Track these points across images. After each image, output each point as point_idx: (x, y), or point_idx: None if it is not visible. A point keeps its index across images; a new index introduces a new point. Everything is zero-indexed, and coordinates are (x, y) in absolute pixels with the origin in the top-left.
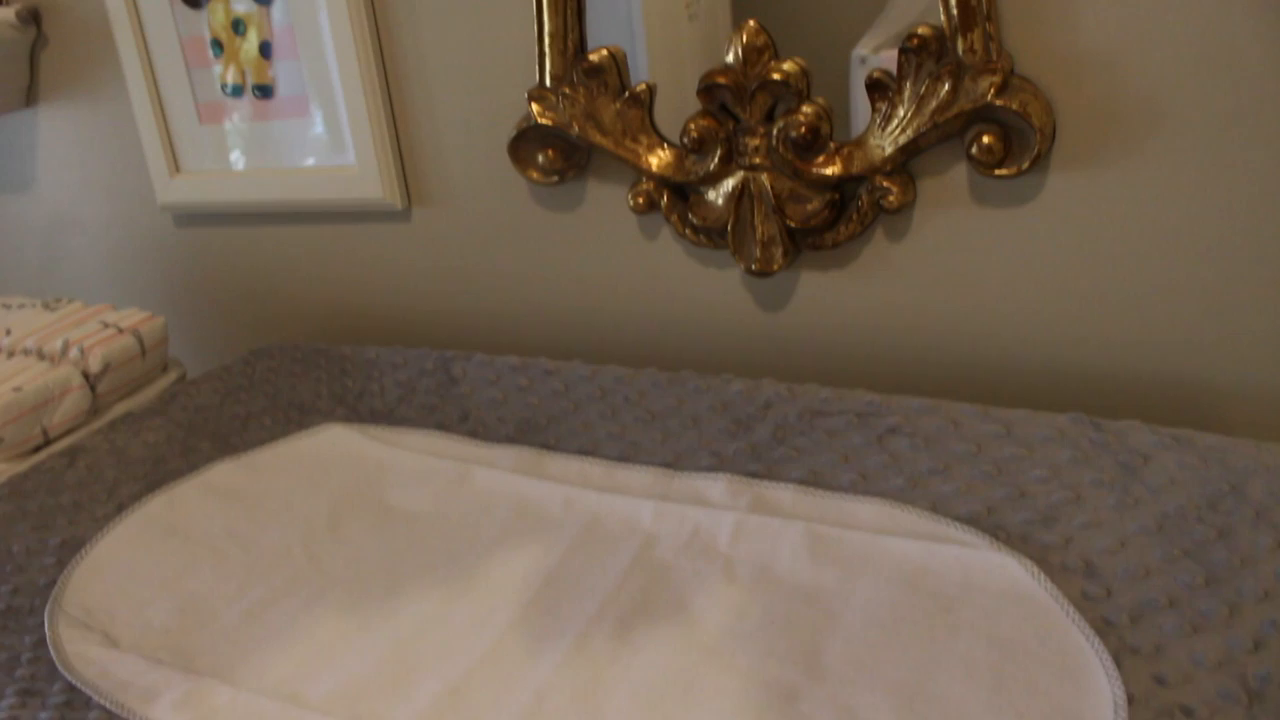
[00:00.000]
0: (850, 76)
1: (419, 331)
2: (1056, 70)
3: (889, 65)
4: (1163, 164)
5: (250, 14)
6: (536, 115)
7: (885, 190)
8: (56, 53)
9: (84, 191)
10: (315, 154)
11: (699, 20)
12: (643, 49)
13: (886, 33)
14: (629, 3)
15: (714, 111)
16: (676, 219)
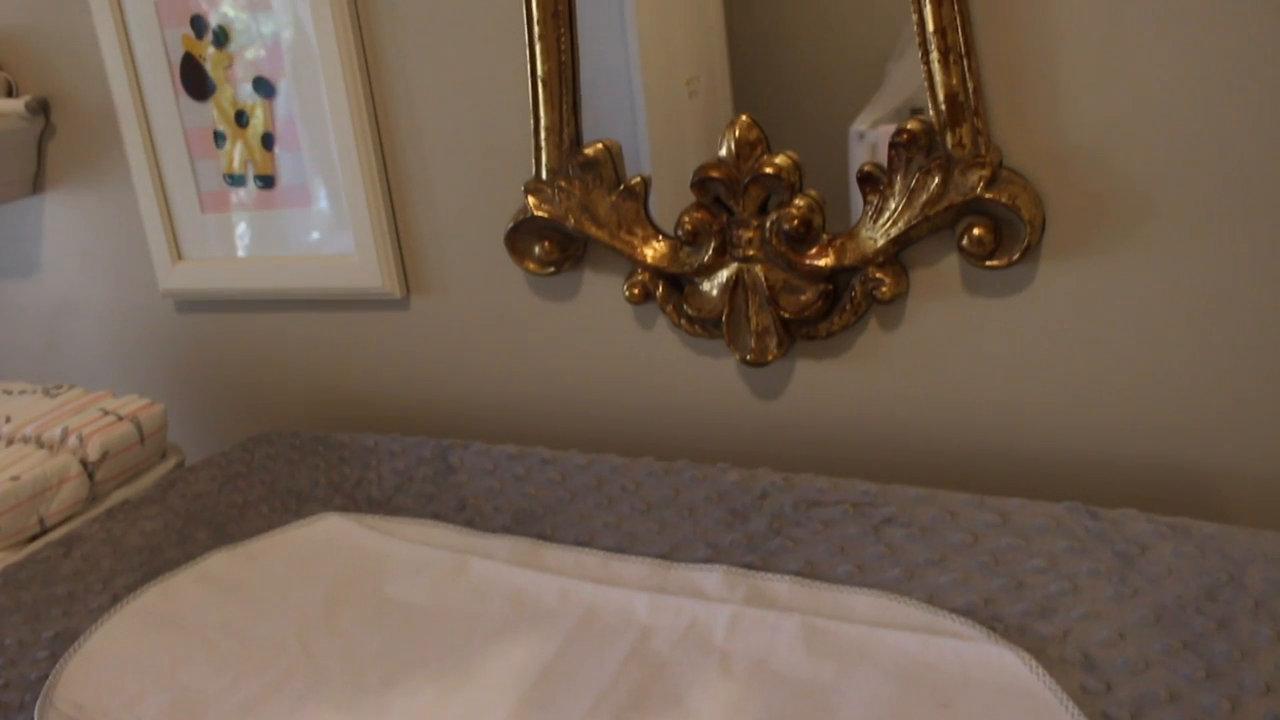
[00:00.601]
0: (849, 150)
1: (417, 418)
2: (1045, 163)
3: (886, 140)
4: (1152, 253)
5: (254, 106)
6: (533, 207)
7: (878, 281)
8: (64, 142)
9: (87, 277)
10: (315, 242)
11: (699, 97)
12: (644, 124)
13: (884, 108)
14: (630, 79)
15: (708, 204)
16: (672, 309)
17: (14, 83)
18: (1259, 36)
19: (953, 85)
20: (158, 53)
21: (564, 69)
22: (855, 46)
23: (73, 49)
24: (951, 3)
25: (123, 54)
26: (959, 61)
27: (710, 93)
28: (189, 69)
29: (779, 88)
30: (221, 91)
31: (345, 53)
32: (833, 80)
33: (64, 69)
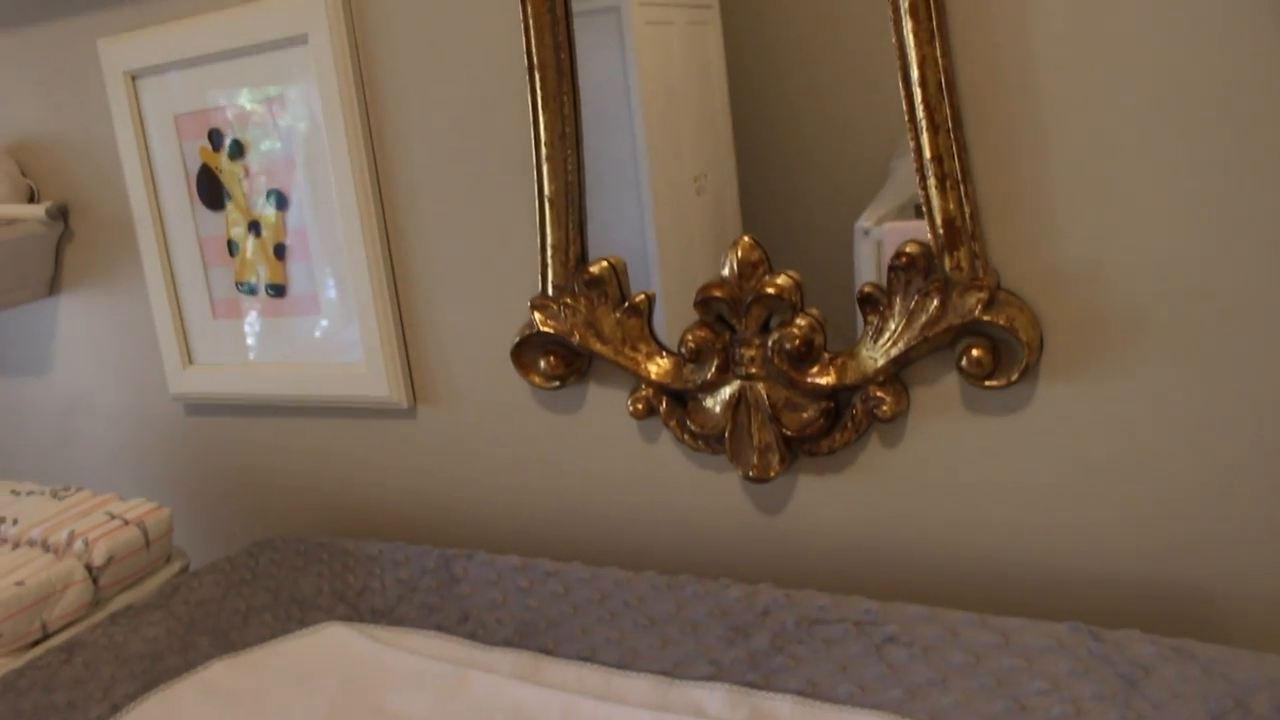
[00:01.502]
0: (855, 247)
1: (422, 526)
2: (1041, 284)
3: (891, 236)
4: (1149, 374)
5: (267, 217)
6: (539, 323)
7: (879, 400)
8: (81, 246)
9: (98, 378)
10: (324, 351)
11: (706, 193)
12: (651, 220)
13: (888, 204)
14: (638, 176)
15: (711, 322)
16: (675, 424)
17: (36, 189)
18: (1247, 165)
19: (950, 210)
20: (175, 163)
21: (570, 189)
22: (860, 143)
23: (94, 157)
24: (948, 132)
25: (142, 163)
26: (956, 187)
27: (717, 189)
28: (205, 180)
29: (785, 183)
30: (236, 202)
31: (358, 169)
32: (838, 176)
33: (84, 176)
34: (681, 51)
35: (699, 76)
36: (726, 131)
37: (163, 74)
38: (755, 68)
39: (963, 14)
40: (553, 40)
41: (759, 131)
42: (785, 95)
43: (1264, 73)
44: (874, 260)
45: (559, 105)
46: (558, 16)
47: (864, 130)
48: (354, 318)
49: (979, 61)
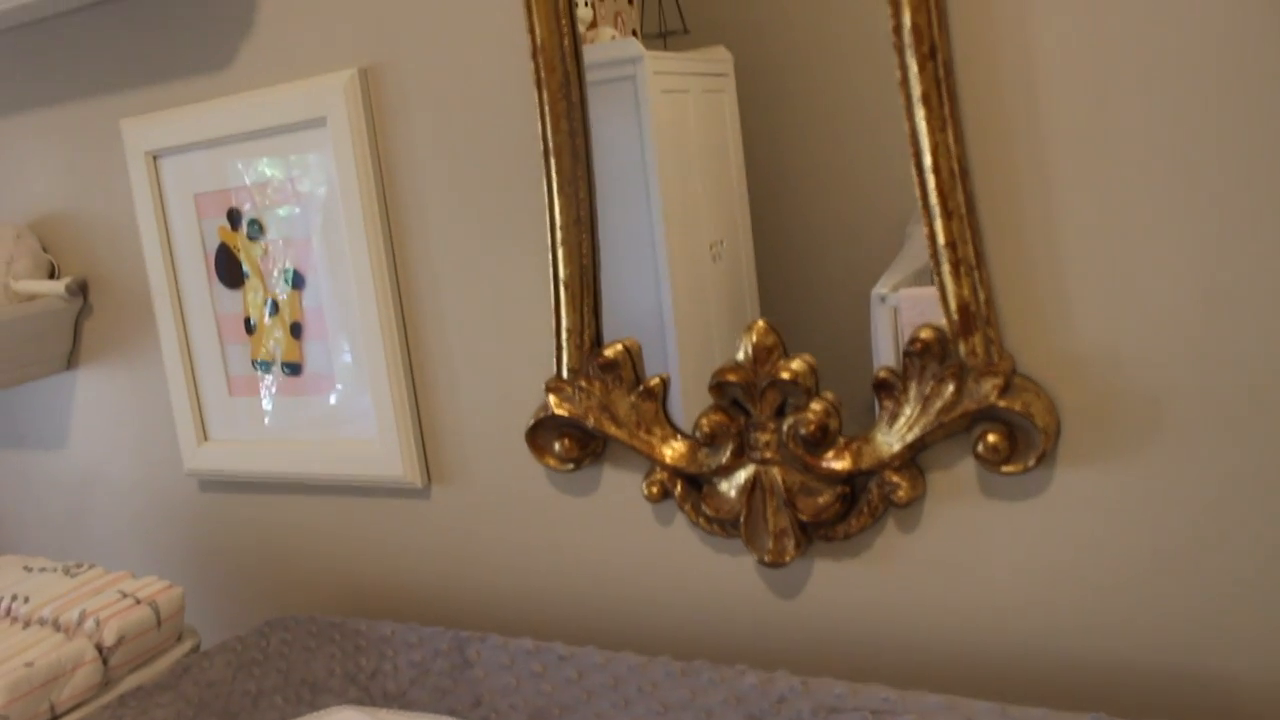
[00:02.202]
0: (871, 313)
1: (434, 607)
2: (1058, 369)
3: (908, 303)
4: (1167, 459)
5: (284, 296)
6: (554, 406)
7: (895, 485)
8: (99, 321)
9: (113, 452)
10: (339, 430)
11: (723, 260)
12: (667, 289)
13: (905, 271)
14: (654, 242)
15: (725, 406)
16: (690, 508)
17: (57, 264)
18: (1266, 249)
19: (964, 296)
20: (194, 241)
21: (585, 273)
22: (876, 208)
23: (114, 234)
24: (961, 218)
25: (161, 241)
26: (970, 273)
27: (733, 255)
28: (223, 258)
29: (801, 249)
30: (254, 281)
31: (374, 250)
32: (854, 241)
33: (105, 252)
34: (697, 119)
35: (714, 143)
36: (742, 198)
37: (183, 154)
38: (770, 133)
39: (975, 102)
40: (568, 126)
41: (774, 197)
42: (800, 161)
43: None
44: (891, 327)
45: (574, 190)
46: (573, 102)
47: (879, 196)
48: (369, 397)
49: (991, 148)
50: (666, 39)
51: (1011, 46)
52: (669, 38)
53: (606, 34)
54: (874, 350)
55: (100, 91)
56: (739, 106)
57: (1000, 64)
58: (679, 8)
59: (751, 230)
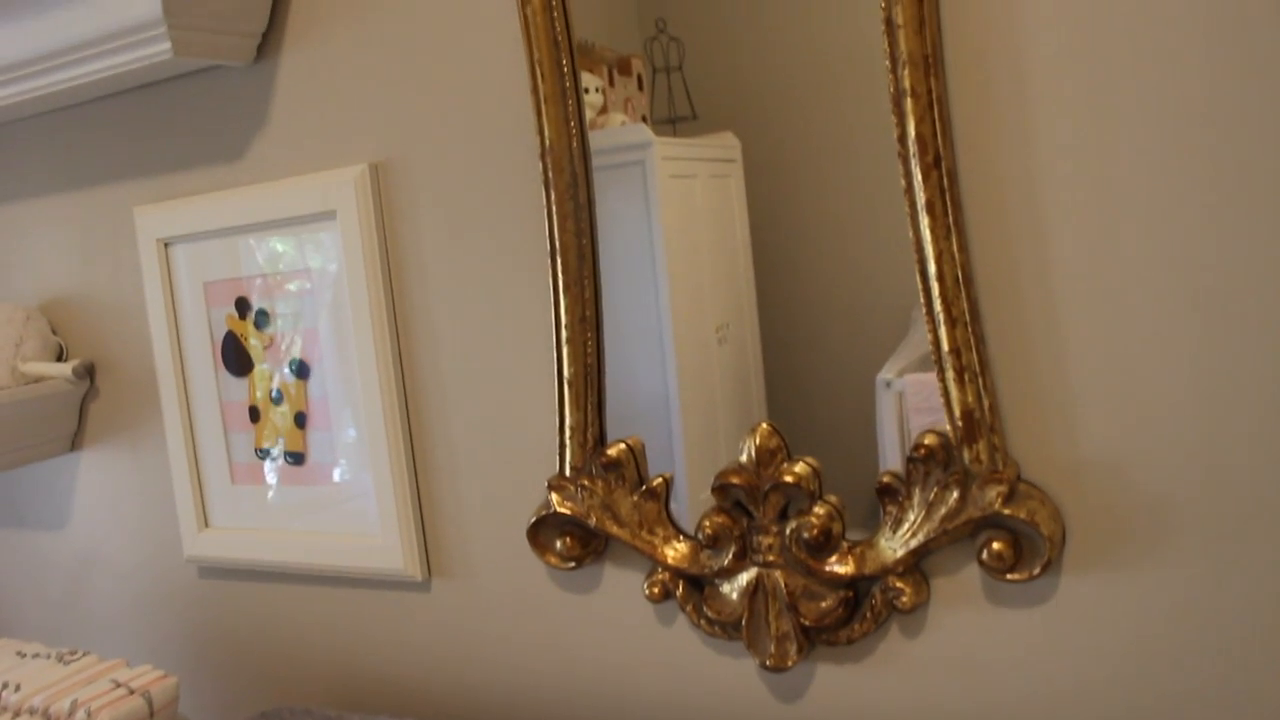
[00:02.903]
0: (876, 399)
1: (432, 701)
2: (1063, 476)
3: (913, 388)
4: (1174, 568)
5: (289, 386)
6: (556, 504)
7: (899, 591)
8: (105, 403)
9: (113, 536)
10: (340, 521)
11: (728, 344)
12: (673, 372)
13: (909, 356)
14: (660, 327)
15: (728, 508)
16: (692, 609)
17: (65, 347)
18: (1267, 359)
19: (969, 403)
20: (202, 328)
21: (589, 371)
22: (881, 293)
23: (123, 318)
24: (965, 325)
25: (169, 327)
26: (974, 380)
27: (739, 339)
28: (230, 346)
29: (806, 334)
30: (259, 370)
31: (380, 342)
32: (859, 327)
33: (112, 336)
34: (704, 203)
35: (722, 228)
36: (749, 281)
37: (194, 242)
38: (776, 218)
39: (978, 210)
40: (575, 226)
41: (780, 281)
42: (806, 245)
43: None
44: (896, 412)
45: (580, 289)
46: (580, 204)
47: (885, 280)
48: (371, 488)
49: (995, 256)
50: (676, 125)
51: (1015, 156)
52: (678, 123)
53: (617, 119)
54: (879, 435)
55: (114, 179)
56: (746, 192)
57: (1004, 173)
58: (688, 94)
59: (757, 314)
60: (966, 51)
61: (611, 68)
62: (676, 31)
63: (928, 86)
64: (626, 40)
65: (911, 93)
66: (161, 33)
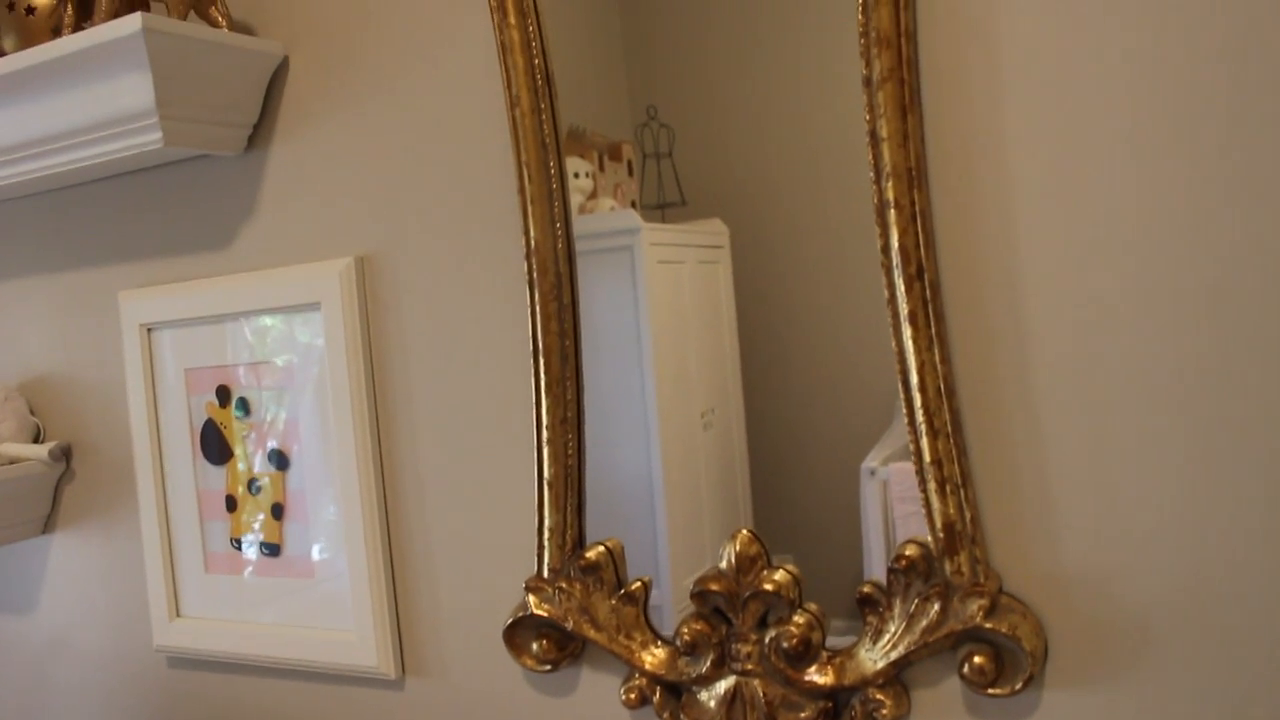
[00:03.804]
0: (861, 487)
1: None
2: (1046, 589)
3: (897, 477)
4: (1159, 684)
5: (267, 476)
6: (533, 605)
7: (879, 703)
8: (80, 487)
9: (83, 622)
10: (314, 615)
11: (714, 429)
12: (658, 457)
13: (894, 445)
14: (645, 411)
15: (707, 615)
16: (669, 716)
17: (43, 427)
18: (1259, 469)
19: (950, 514)
20: (182, 415)
21: (570, 473)
22: (867, 381)
23: (103, 401)
24: (947, 436)
25: (149, 412)
26: (956, 491)
27: (725, 424)
28: (209, 434)
29: (792, 420)
30: (238, 459)
31: (360, 436)
32: (845, 414)
33: (91, 418)
34: (692, 289)
35: (708, 313)
36: (735, 367)
37: (178, 328)
38: (763, 305)
39: (962, 321)
40: (558, 327)
41: (766, 367)
42: (792, 332)
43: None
44: (880, 500)
45: (562, 390)
46: (564, 305)
47: (870, 368)
48: (347, 583)
49: (977, 368)
50: (665, 211)
51: (998, 269)
52: (667, 209)
53: (606, 204)
54: (864, 522)
55: (100, 262)
56: (734, 278)
57: (987, 286)
58: (677, 180)
59: (743, 399)
60: (950, 165)
61: (602, 153)
62: (667, 119)
63: (911, 199)
64: (618, 126)
65: (895, 205)
66: (154, 122)
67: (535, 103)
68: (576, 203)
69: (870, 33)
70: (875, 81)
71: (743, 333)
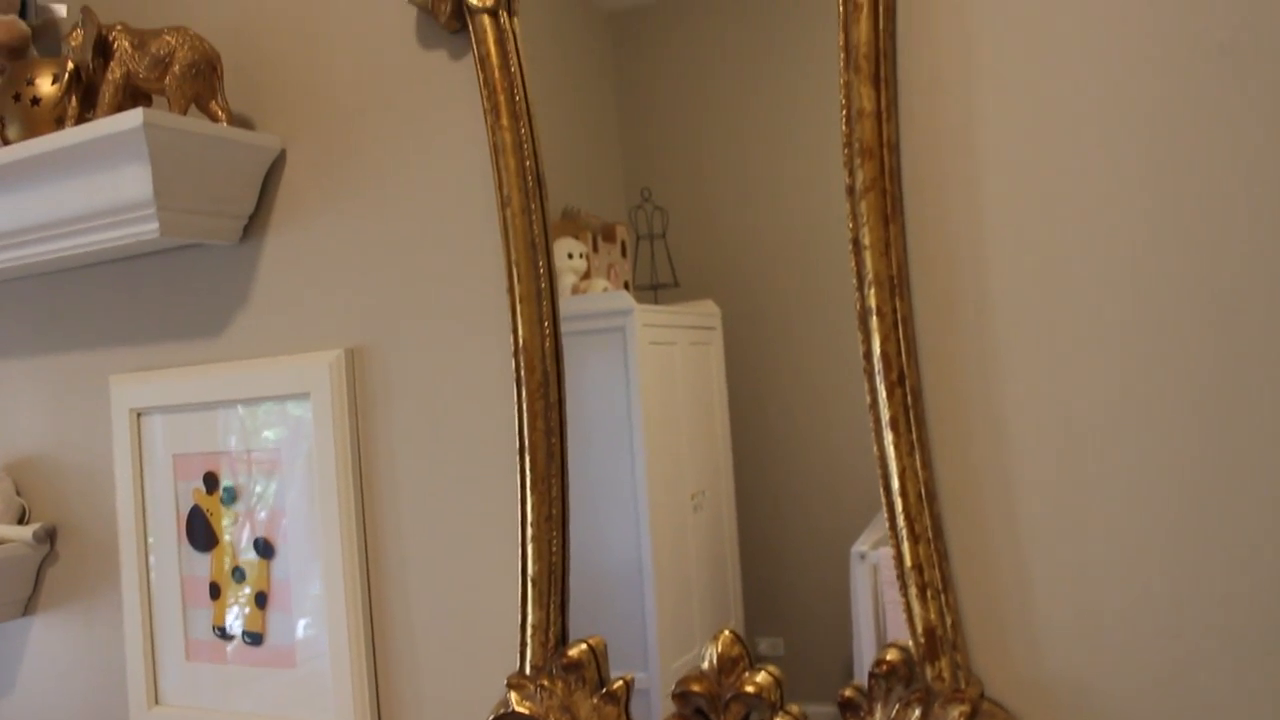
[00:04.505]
0: (851, 571)
1: None
2: (1027, 696)
3: (887, 562)
4: None
5: (252, 565)
6: (514, 703)
7: None
8: (63, 569)
9: (61, 705)
10: (295, 706)
11: (704, 511)
12: (647, 538)
13: (884, 529)
14: (635, 494)
15: (689, 715)
16: None
17: (29, 508)
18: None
19: (931, 620)
20: (169, 501)
21: (554, 570)
22: (857, 465)
23: (90, 484)
24: (928, 541)
25: (135, 497)
26: (936, 596)
27: (715, 506)
28: (195, 521)
29: (782, 503)
30: (223, 546)
31: (345, 528)
32: (835, 497)
33: (77, 500)
34: (683, 370)
35: (700, 394)
36: (726, 448)
37: (167, 414)
38: (755, 386)
39: (943, 427)
40: (544, 425)
41: (757, 449)
42: (783, 414)
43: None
44: (870, 585)
45: (547, 488)
46: (550, 402)
47: (861, 452)
48: (329, 674)
49: (959, 473)
50: (657, 291)
51: (978, 376)
52: (660, 290)
53: (599, 285)
54: (854, 606)
55: (92, 345)
56: (725, 359)
57: (968, 392)
58: (671, 262)
59: (734, 481)
60: (931, 273)
61: (596, 234)
62: (661, 201)
63: (893, 306)
64: (612, 207)
65: (877, 312)
66: (151, 213)
67: (526, 203)
68: (570, 283)
69: (854, 143)
70: (858, 191)
71: (734, 414)
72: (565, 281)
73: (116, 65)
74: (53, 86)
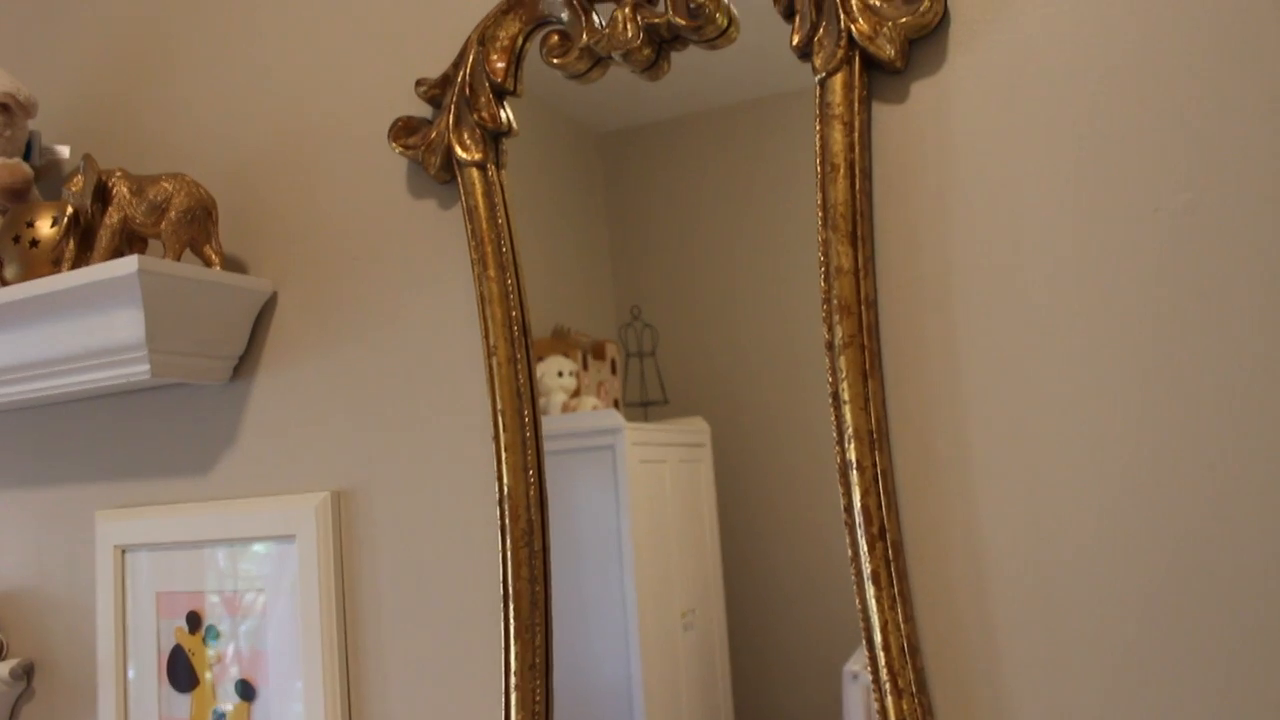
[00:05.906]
0: (843, 690)
1: None
2: None
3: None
4: None
5: (233, 707)
6: None
7: None
8: (39, 707)
9: None
10: None
11: (694, 630)
12: (637, 657)
13: None
14: (625, 613)
15: None
16: None
17: (6, 643)
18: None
19: None
20: (150, 639)
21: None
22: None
23: (71, 619)
24: (912, 696)
25: (116, 634)
26: None
27: (706, 625)
28: (177, 660)
29: (774, 621)
30: (204, 687)
31: (329, 672)
32: (827, 616)
33: (57, 636)
34: (673, 488)
35: (690, 512)
36: (716, 567)
37: (152, 551)
38: (745, 503)
39: (924, 580)
40: (529, 573)
41: (748, 567)
42: (774, 532)
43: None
44: (863, 705)
45: (531, 636)
46: (535, 550)
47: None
48: None
49: (942, 626)
50: (647, 409)
51: (959, 528)
52: (650, 407)
53: (589, 403)
54: None
55: (78, 480)
56: (715, 476)
57: (948, 544)
58: (660, 379)
59: (724, 599)
60: (910, 427)
61: (586, 352)
62: (651, 319)
63: (873, 460)
64: (602, 325)
65: (857, 466)
66: (143, 355)
67: (511, 352)
68: (559, 401)
69: (832, 299)
70: (837, 346)
71: (724, 531)
72: (555, 399)
73: (114, 210)
74: (52, 229)
